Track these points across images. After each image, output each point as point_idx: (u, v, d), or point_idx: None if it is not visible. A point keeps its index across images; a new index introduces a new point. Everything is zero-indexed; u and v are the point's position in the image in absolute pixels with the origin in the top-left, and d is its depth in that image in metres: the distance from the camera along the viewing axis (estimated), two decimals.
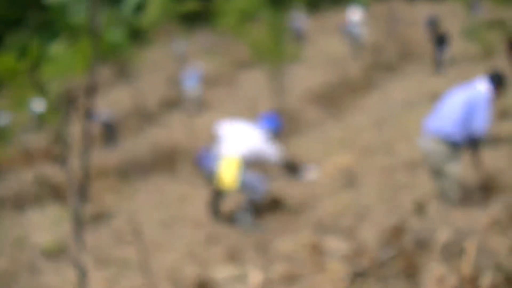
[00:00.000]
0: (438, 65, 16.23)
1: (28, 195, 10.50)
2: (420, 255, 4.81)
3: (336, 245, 5.61)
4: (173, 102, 19.71)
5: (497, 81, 5.96)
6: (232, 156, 7.12)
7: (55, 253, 7.30)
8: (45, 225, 8.70)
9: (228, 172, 7.04)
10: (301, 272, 5.11)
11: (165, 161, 12.26)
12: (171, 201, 9.21)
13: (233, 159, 7.09)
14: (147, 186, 10.65)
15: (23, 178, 11.76)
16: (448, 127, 5.89)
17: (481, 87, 5.93)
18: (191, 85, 18.08)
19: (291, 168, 7.72)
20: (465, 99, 5.86)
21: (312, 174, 7.95)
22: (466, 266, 4.39)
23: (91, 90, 3.47)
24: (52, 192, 10.36)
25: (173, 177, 10.96)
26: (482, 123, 5.73)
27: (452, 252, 4.70)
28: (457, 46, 17.28)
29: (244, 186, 7.17)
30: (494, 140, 8.27)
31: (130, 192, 9.93)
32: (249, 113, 14.70)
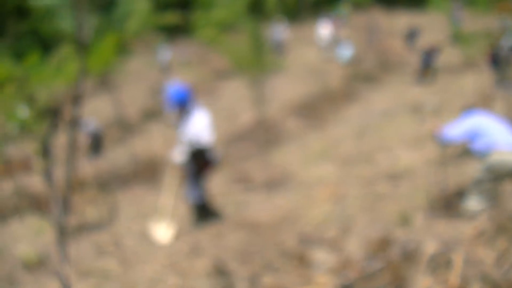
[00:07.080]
0: (421, 75, 16.35)
1: (8, 206, 10.37)
2: (407, 266, 4.79)
3: (322, 257, 5.58)
4: (154, 113, 19.62)
5: None
6: None
7: (36, 265, 7.19)
8: (26, 236, 8.58)
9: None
10: (288, 285, 5.06)
11: (145, 172, 12.19)
12: (152, 211, 9.14)
13: None
14: (128, 196, 10.57)
15: (3, 189, 11.60)
16: None
17: None
18: None
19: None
20: None
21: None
22: (454, 277, 4.38)
23: (77, 100, 3.41)
24: (33, 203, 10.24)
25: (153, 187, 10.88)
26: None
27: (439, 263, 4.68)
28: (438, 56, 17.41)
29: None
30: (466, 153, 8.33)
31: (111, 203, 9.84)
32: (229, 123, 14.68)
